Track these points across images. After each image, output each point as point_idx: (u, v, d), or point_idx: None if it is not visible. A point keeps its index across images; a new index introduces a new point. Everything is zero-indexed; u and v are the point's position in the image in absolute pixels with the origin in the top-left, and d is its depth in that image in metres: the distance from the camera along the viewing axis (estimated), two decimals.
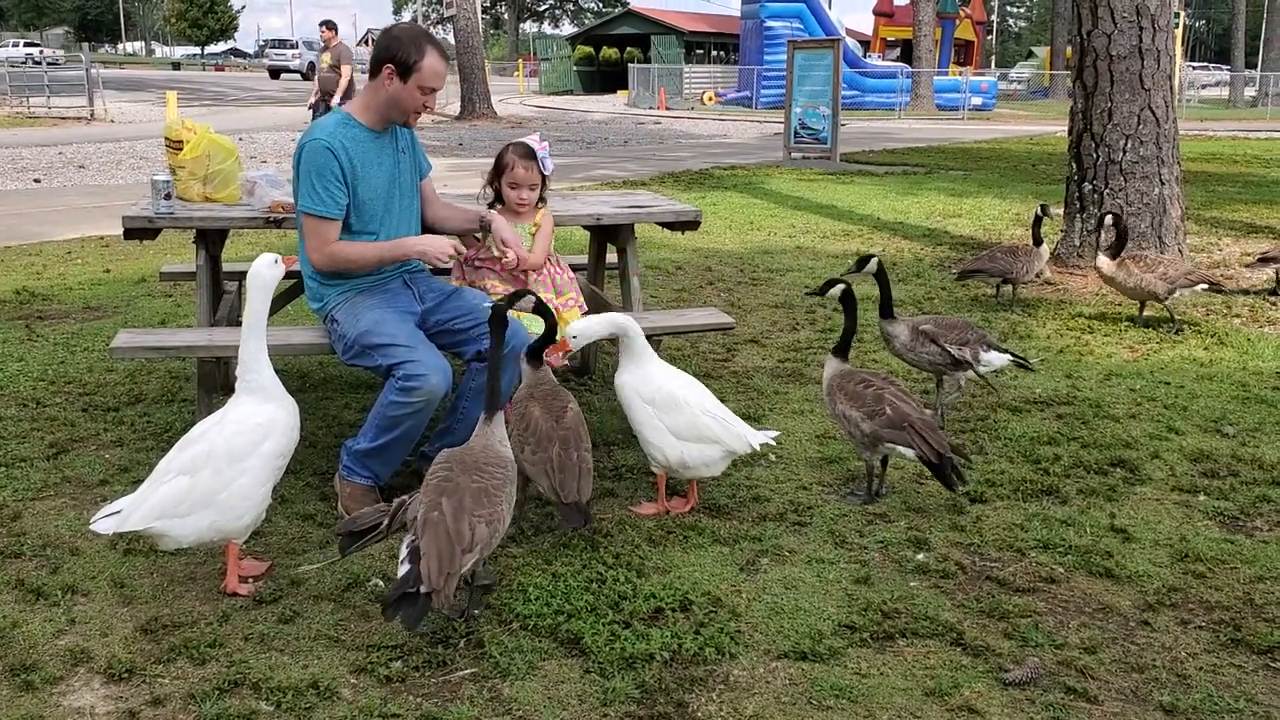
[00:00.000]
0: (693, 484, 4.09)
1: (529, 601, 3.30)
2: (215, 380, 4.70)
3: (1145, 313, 6.96)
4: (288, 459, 3.43)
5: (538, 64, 58.67)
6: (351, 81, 16.07)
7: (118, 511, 3.19)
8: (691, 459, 3.89)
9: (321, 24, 16.78)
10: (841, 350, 4.25)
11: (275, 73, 58.82)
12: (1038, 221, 7.21)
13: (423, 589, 2.83)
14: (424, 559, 2.88)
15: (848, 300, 4.27)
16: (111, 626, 3.19)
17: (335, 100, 15.81)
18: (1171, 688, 2.95)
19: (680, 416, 3.85)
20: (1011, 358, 5.01)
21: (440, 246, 4.07)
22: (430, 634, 3.15)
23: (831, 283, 4.33)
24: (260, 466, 3.29)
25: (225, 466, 3.23)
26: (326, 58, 16.38)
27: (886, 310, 4.94)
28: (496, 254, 4.39)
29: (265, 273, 3.41)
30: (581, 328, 3.91)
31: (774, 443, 4.03)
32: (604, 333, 3.94)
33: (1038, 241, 7.19)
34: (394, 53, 3.91)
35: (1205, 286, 6.77)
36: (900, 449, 3.96)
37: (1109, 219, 6.86)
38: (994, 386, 5.24)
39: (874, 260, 4.86)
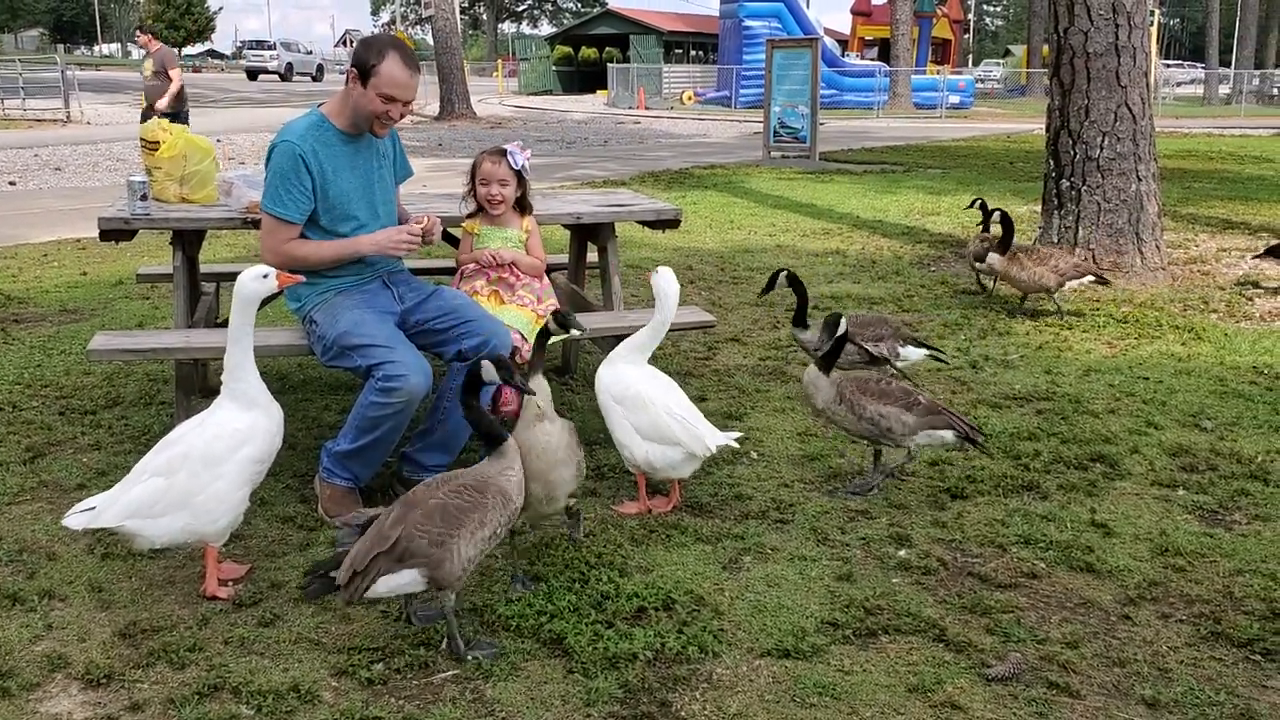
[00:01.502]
0: (675, 483, 4.08)
1: (511, 602, 3.29)
2: (194, 382, 4.67)
3: (1026, 303, 7.24)
4: (267, 465, 3.41)
5: (517, 64, 58.65)
6: (182, 88, 14.24)
7: (92, 508, 3.18)
8: (657, 460, 3.89)
9: (138, 27, 14.91)
10: (828, 365, 4.16)
11: (253, 74, 58.50)
12: (985, 211, 7.65)
13: (336, 578, 2.90)
14: (349, 555, 2.92)
15: (832, 325, 4.18)
16: (89, 631, 3.16)
17: (162, 103, 13.81)
18: (1153, 681, 2.96)
19: (644, 416, 3.86)
20: (928, 352, 5.10)
21: (396, 239, 4.02)
22: (412, 635, 3.13)
23: (834, 321, 4.18)
24: (237, 472, 3.26)
25: (201, 470, 3.21)
26: (149, 65, 14.11)
27: (799, 319, 4.89)
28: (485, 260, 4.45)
29: (249, 285, 3.34)
30: (667, 282, 4.08)
31: (736, 445, 3.98)
32: (671, 298, 4.05)
33: (987, 229, 7.62)
34: (358, 57, 3.92)
35: (1092, 279, 6.97)
36: (941, 433, 4.10)
37: (996, 215, 7.15)
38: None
39: (783, 274, 4.85)
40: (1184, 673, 3.00)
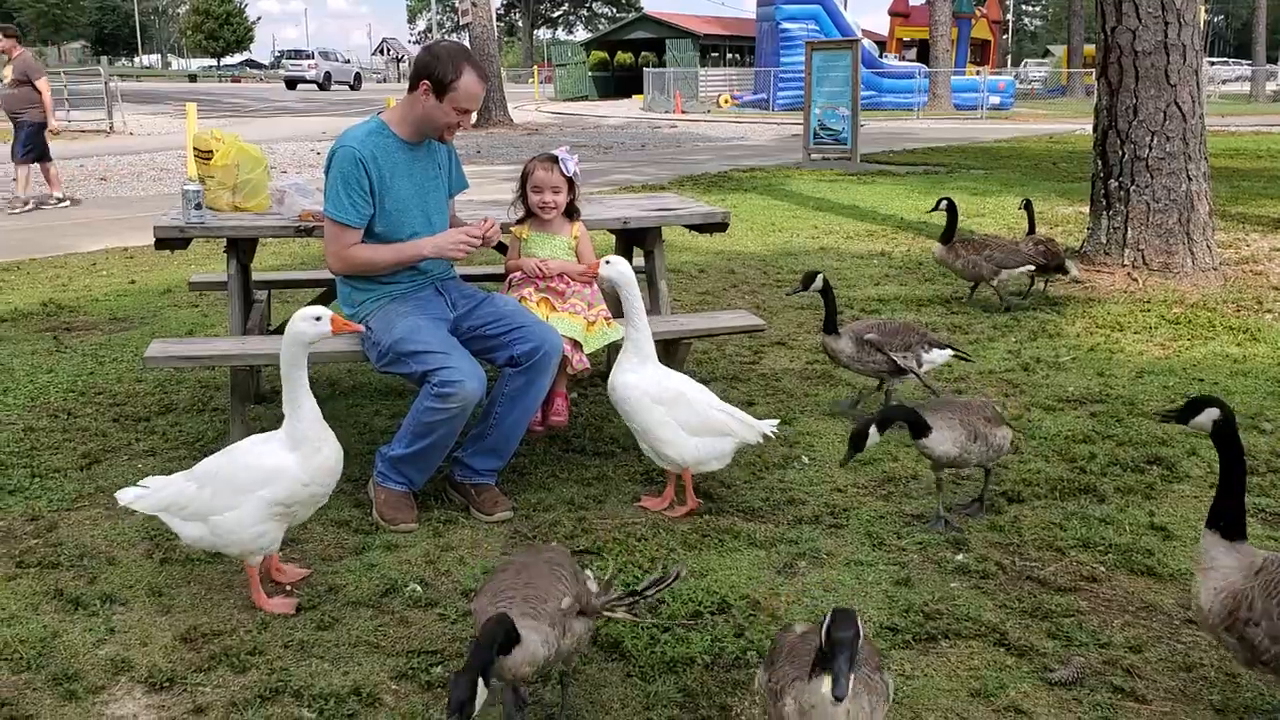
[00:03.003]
0: (687, 481, 4.04)
1: None
2: (249, 389, 4.70)
3: (975, 294, 7.49)
4: (302, 509, 3.33)
5: (553, 70, 58.79)
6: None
7: (145, 488, 3.32)
8: (707, 453, 3.93)
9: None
10: (924, 429, 3.81)
11: (292, 83, 59.11)
12: (1030, 211, 7.98)
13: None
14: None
15: (914, 423, 3.85)
16: (151, 635, 3.19)
17: (54, 123, 13.07)
18: (1221, 687, 2.92)
19: (691, 413, 3.89)
20: (953, 352, 5.16)
21: (455, 240, 4.02)
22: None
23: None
24: (254, 508, 3.21)
25: (228, 493, 3.22)
26: (7, 71, 12.64)
27: (830, 326, 5.03)
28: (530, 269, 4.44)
29: (300, 326, 3.22)
30: (624, 267, 3.94)
31: (777, 430, 4.04)
32: (633, 282, 3.92)
33: (1032, 230, 7.86)
34: (432, 70, 3.92)
35: (1032, 268, 7.15)
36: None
37: (944, 204, 7.31)
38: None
39: (820, 276, 4.99)
40: (1252, 679, 2.95)
